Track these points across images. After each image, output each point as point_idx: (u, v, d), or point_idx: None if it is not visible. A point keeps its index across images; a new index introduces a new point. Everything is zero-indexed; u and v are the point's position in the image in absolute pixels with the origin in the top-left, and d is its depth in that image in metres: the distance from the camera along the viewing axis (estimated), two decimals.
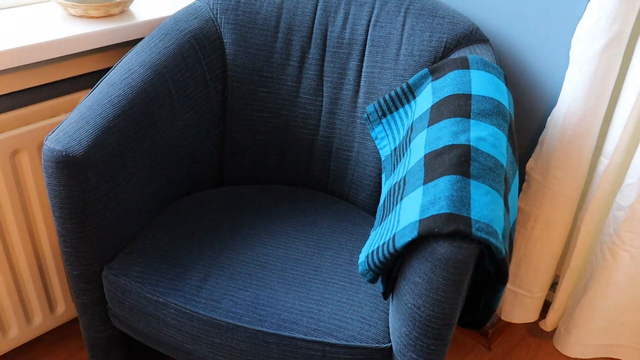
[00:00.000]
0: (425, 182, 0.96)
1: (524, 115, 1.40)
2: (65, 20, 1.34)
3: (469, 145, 0.98)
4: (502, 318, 1.58)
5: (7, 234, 1.32)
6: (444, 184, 0.93)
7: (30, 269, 1.38)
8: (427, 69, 1.22)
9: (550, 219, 1.39)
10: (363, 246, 1.22)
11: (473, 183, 0.93)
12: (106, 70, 1.49)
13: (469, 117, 1.06)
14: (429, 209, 0.90)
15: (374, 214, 1.36)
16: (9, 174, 1.27)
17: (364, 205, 1.38)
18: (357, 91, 1.33)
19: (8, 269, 1.34)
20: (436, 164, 0.97)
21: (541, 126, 1.37)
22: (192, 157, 1.34)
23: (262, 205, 1.33)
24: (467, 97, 1.10)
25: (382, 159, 1.26)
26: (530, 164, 1.38)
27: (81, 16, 1.36)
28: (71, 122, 1.10)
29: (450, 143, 1.00)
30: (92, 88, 1.46)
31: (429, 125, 1.09)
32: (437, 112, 1.10)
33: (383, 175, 1.24)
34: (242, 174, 1.43)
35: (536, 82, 1.35)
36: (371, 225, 1.30)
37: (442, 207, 0.89)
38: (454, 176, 0.93)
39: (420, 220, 0.89)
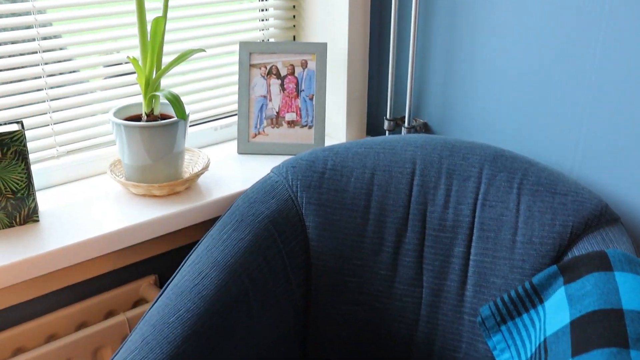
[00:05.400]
0: None
1: None
2: (125, 201, 1.18)
3: None
4: None
5: None
6: None
7: None
8: (556, 266, 1.01)
9: None
10: None
11: None
12: (170, 253, 1.32)
13: (627, 346, 0.85)
14: None
15: None
16: None
17: None
18: (464, 282, 1.12)
19: None
20: None
21: None
22: None
23: None
24: (619, 314, 0.89)
25: None
26: None
27: (143, 195, 1.20)
28: (132, 350, 0.91)
29: None
30: (154, 274, 1.30)
31: (573, 355, 0.88)
32: (583, 336, 0.89)
33: None
34: None
35: None
36: None
37: None
38: None
39: None
